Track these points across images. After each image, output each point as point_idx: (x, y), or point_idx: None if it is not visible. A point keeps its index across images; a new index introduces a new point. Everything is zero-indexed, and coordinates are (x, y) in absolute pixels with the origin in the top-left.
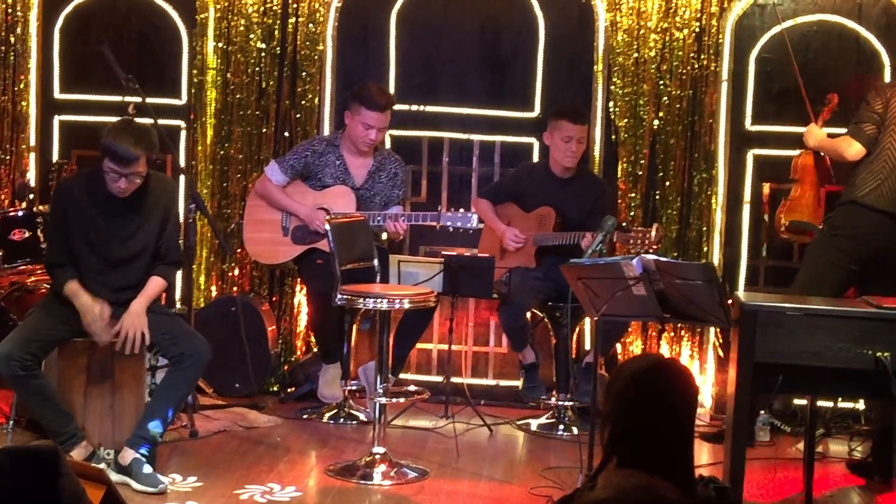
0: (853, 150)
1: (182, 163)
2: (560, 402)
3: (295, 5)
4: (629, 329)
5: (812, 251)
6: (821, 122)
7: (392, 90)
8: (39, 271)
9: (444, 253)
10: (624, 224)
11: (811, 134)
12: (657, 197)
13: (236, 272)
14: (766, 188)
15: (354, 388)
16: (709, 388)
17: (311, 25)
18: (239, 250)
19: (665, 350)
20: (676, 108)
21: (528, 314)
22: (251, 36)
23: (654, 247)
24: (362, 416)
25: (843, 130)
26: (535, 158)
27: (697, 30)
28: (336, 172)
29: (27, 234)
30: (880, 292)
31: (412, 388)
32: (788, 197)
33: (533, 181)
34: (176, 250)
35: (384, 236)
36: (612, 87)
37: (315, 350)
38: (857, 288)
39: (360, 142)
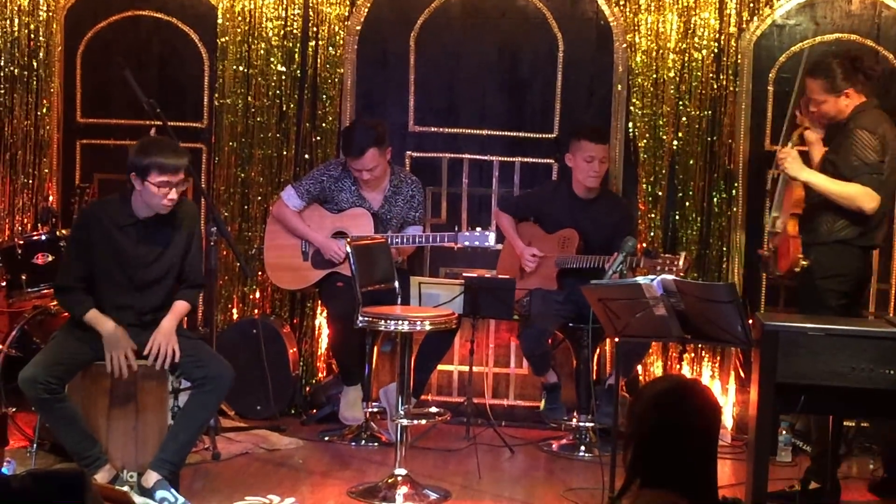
0: (874, 204)
1: (203, 186)
2: (581, 423)
3: (315, 29)
4: (650, 350)
5: (808, 297)
6: (791, 145)
7: (412, 112)
8: None
9: (464, 274)
10: (651, 250)
11: (802, 168)
12: (677, 217)
13: (257, 295)
14: None
15: (376, 409)
16: (730, 409)
17: (331, 49)
18: (260, 273)
19: (686, 371)
20: (696, 129)
21: (549, 339)
22: (272, 59)
23: (681, 275)
24: (384, 438)
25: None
26: (554, 179)
27: (716, 50)
28: (351, 198)
29: (50, 258)
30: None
31: (433, 409)
32: (796, 234)
33: (556, 201)
34: (199, 273)
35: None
36: (632, 108)
37: (336, 372)
38: None
39: (362, 182)
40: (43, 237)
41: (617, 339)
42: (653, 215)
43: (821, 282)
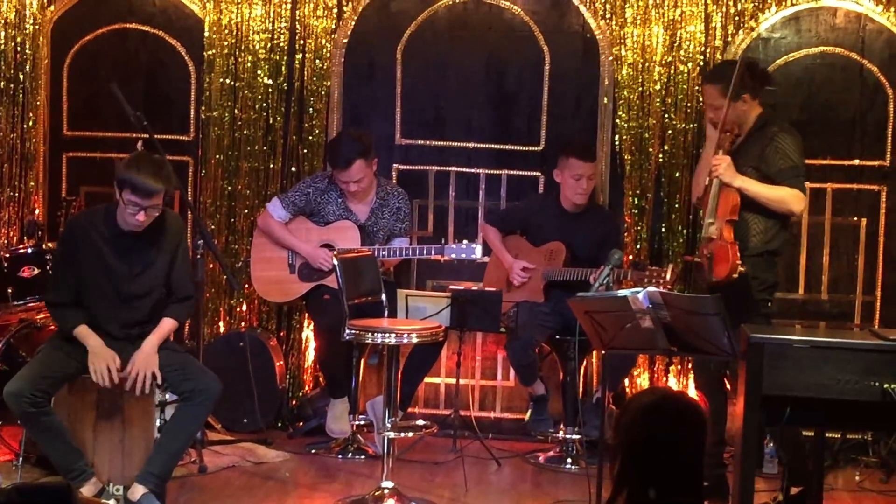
0: (803, 206)
1: (190, 198)
2: (568, 436)
3: (302, 42)
4: (637, 363)
5: (742, 304)
6: (722, 152)
7: (399, 125)
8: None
9: (451, 287)
10: (638, 262)
11: (736, 175)
12: (663, 230)
13: (244, 307)
14: None
15: (363, 422)
16: None
17: (317, 62)
18: (247, 286)
19: (673, 383)
20: (682, 141)
21: (537, 349)
22: (258, 72)
23: (668, 287)
24: (371, 451)
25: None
26: (541, 192)
27: (702, 63)
28: (338, 210)
29: (36, 272)
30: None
31: (420, 422)
32: (733, 240)
33: (543, 214)
34: (187, 286)
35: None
36: (618, 121)
37: (323, 385)
38: None
39: (349, 194)
40: (29, 250)
41: (603, 352)
42: (639, 227)
43: (757, 292)
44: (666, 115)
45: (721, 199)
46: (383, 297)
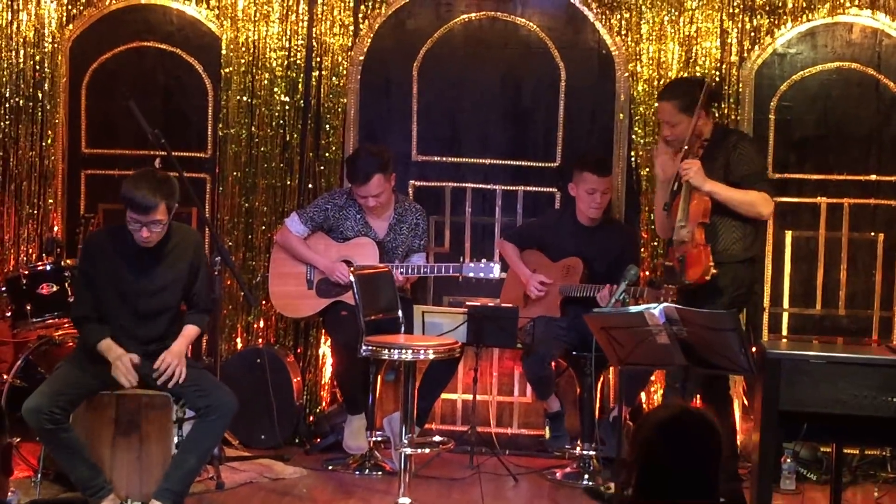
0: (771, 209)
1: (207, 215)
2: (585, 452)
3: (318, 59)
4: (653, 378)
5: (718, 309)
6: (692, 156)
7: (415, 141)
8: (67, 325)
9: (467, 303)
10: (654, 280)
11: (706, 179)
12: None
13: (261, 324)
14: (789, 236)
15: (380, 438)
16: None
17: (334, 78)
18: (264, 302)
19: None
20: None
21: (553, 364)
22: (275, 89)
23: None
24: (388, 467)
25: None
26: (557, 207)
27: (718, 79)
28: (357, 226)
29: (55, 289)
30: None
31: (437, 438)
32: (704, 242)
33: (560, 230)
34: (206, 299)
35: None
36: (634, 137)
37: (340, 401)
38: None
39: (368, 209)
40: (48, 267)
41: (620, 368)
42: (655, 243)
43: (735, 296)
44: None
45: (692, 203)
46: (400, 313)
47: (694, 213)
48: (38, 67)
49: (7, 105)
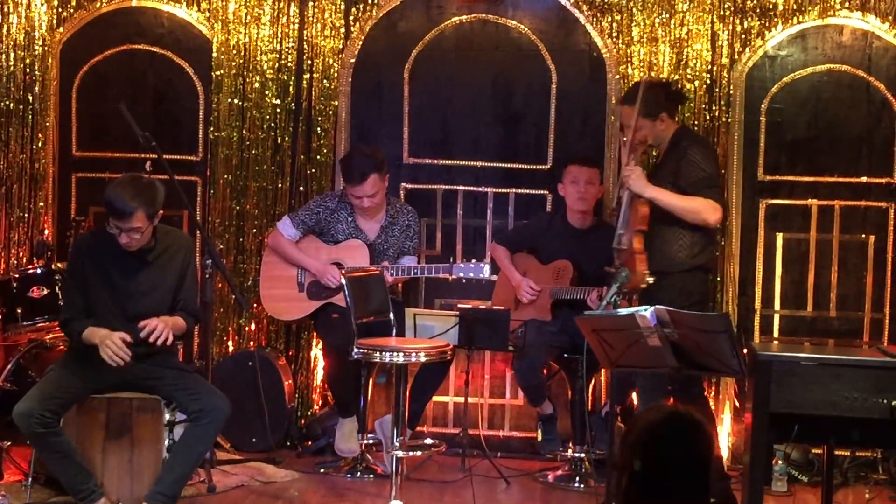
0: (718, 216)
1: (198, 218)
2: (577, 454)
3: (309, 62)
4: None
5: None
6: (634, 162)
7: (406, 144)
8: (58, 328)
9: (459, 306)
10: (646, 284)
11: (647, 185)
12: None
13: (253, 327)
14: (780, 238)
15: (371, 441)
16: (726, 438)
17: (325, 81)
18: (255, 305)
19: None
20: None
21: (544, 369)
22: (266, 92)
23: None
24: (380, 470)
25: None
26: (548, 210)
27: (708, 81)
28: (348, 229)
29: (45, 292)
30: None
31: (429, 441)
32: (641, 250)
33: (551, 232)
34: (193, 304)
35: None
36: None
37: (332, 404)
38: None
39: (362, 210)
40: (38, 271)
41: (611, 370)
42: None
43: (685, 307)
44: None
45: (632, 210)
46: (391, 315)
47: (633, 219)
48: (28, 70)
49: None
